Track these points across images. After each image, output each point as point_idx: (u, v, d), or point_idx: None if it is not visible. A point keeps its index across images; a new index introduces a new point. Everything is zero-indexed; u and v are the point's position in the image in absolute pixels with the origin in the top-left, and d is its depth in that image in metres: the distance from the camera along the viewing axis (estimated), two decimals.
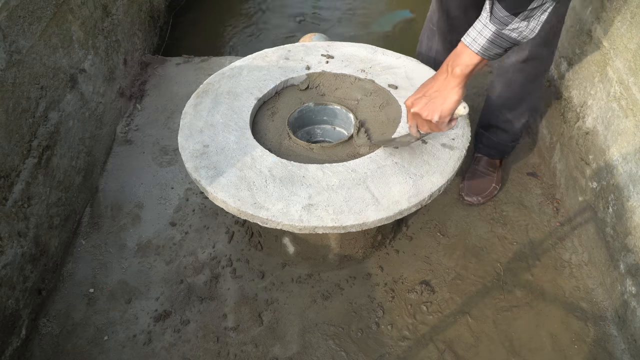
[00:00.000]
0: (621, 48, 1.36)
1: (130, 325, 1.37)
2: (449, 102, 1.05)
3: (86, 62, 1.73)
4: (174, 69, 2.26)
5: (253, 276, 1.47)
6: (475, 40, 0.98)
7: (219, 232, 1.59)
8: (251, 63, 1.52)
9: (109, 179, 1.77)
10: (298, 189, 1.14)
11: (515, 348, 1.32)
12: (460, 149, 1.24)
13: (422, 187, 1.15)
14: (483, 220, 1.63)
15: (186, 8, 2.91)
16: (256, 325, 1.37)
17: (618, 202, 1.35)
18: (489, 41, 0.97)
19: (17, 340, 1.29)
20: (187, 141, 1.26)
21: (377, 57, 1.54)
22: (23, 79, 1.35)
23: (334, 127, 1.49)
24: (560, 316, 1.39)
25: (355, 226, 1.08)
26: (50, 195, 1.46)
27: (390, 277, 1.47)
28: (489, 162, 1.71)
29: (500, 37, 0.96)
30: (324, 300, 1.42)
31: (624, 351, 1.31)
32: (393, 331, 1.35)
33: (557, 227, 1.61)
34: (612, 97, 1.40)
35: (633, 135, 1.30)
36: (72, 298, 1.44)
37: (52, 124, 1.49)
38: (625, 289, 1.31)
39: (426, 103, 1.07)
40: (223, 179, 1.16)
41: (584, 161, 1.53)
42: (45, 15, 1.47)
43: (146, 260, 1.52)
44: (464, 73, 1.02)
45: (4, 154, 1.26)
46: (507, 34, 0.95)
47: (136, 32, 2.24)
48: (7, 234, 1.26)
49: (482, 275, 1.48)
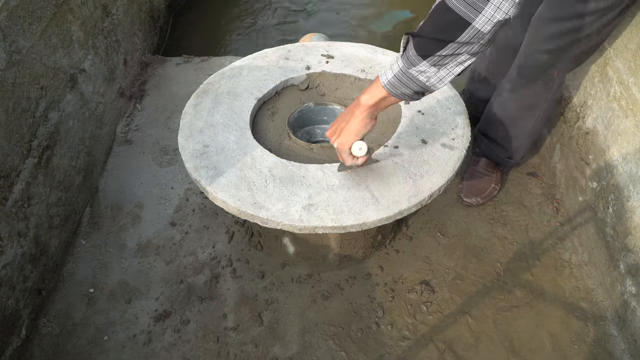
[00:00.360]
0: (621, 48, 1.36)
1: (130, 325, 1.37)
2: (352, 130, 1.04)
3: (86, 62, 1.73)
4: (174, 69, 2.26)
5: (253, 276, 1.47)
6: (386, 72, 0.95)
7: (219, 232, 1.59)
8: (251, 63, 1.52)
9: (109, 179, 1.77)
10: (298, 189, 1.14)
11: (515, 348, 1.32)
12: (460, 149, 1.24)
13: (422, 187, 1.15)
14: (483, 220, 1.63)
15: (186, 8, 2.91)
16: (256, 325, 1.37)
17: (618, 202, 1.35)
18: (395, 76, 0.93)
19: (17, 340, 1.29)
20: (187, 141, 1.26)
21: (377, 57, 1.54)
22: (23, 79, 1.35)
23: None
24: (560, 316, 1.39)
25: (355, 226, 1.08)
26: (50, 195, 1.46)
27: (390, 277, 1.47)
28: (487, 163, 1.71)
29: (406, 76, 0.91)
30: (324, 300, 1.42)
31: (624, 351, 1.31)
32: (393, 331, 1.35)
33: (557, 227, 1.61)
34: (612, 97, 1.40)
35: (633, 135, 1.30)
36: (72, 298, 1.44)
37: (52, 124, 1.49)
38: (625, 289, 1.31)
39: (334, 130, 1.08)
40: (223, 179, 1.16)
41: (584, 161, 1.53)
42: (45, 15, 1.47)
43: (146, 260, 1.52)
44: (367, 103, 1.00)
45: (4, 154, 1.26)
46: (414, 74, 0.90)
47: (136, 32, 2.24)
48: (7, 234, 1.26)
49: (482, 275, 1.48)
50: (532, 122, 1.55)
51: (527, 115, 1.54)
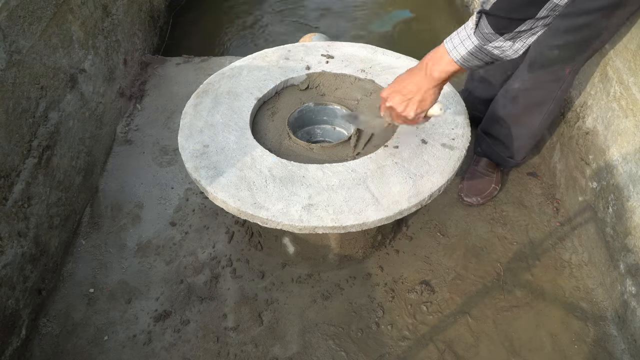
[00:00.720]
0: (621, 48, 1.36)
1: (130, 325, 1.37)
2: (425, 102, 1.07)
3: (86, 62, 1.73)
4: (174, 69, 2.26)
5: (253, 276, 1.47)
6: (457, 48, 0.96)
7: (219, 232, 1.59)
8: (251, 63, 1.52)
9: (109, 179, 1.77)
10: (298, 189, 1.14)
11: (515, 348, 1.32)
12: (460, 149, 1.24)
13: (422, 187, 1.15)
14: (483, 220, 1.63)
15: (186, 8, 2.91)
16: (256, 325, 1.37)
17: (618, 202, 1.35)
18: (469, 53, 0.95)
19: (17, 340, 1.29)
20: (187, 141, 1.26)
21: (377, 57, 1.54)
22: (23, 79, 1.35)
23: (334, 127, 1.49)
24: (560, 316, 1.39)
25: (355, 226, 1.08)
26: (50, 195, 1.46)
27: (390, 277, 1.47)
28: (488, 163, 1.71)
29: (481, 52, 0.94)
30: (324, 300, 1.42)
31: (624, 351, 1.31)
32: (393, 331, 1.35)
33: (557, 227, 1.61)
34: (612, 97, 1.40)
35: (633, 135, 1.30)
36: (72, 298, 1.44)
37: (52, 124, 1.49)
38: (625, 289, 1.31)
39: (401, 100, 1.08)
40: (223, 179, 1.16)
41: (584, 161, 1.53)
42: (45, 15, 1.47)
43: (146, 260, 1.52)
44: (441, 77, 1.02)
45: (4, 154, 1.26)
46: (489, 49, 0.93)
47: (136, 32, 2.24)
48: (7, 234, 1.26)
49: (482, 275, 1.48)
50: (537, 121, 1.54)
51: (534, 113, 1.53)
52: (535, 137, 1.61)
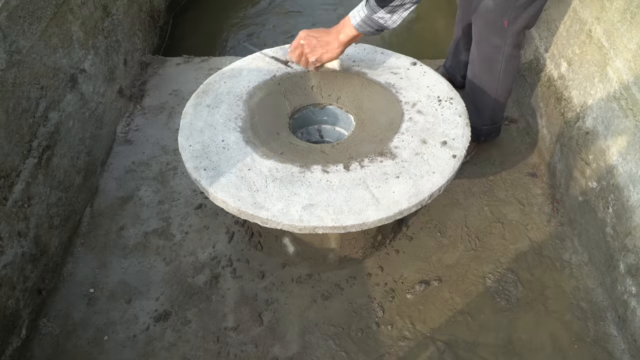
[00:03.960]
0: (621, 48, 1.36)
1: (130, 325, 1.37)
2: (328, 54, 1.35)
3: (86, 62, 1.73)
4: (174, 69, 2.26)
5: (253, 276, 1.47)
6: (354, 17, 1.25)
7: (219, 232, 1.59)
8: (251, 63, 1.52)
9: (109, 179, 1.77)
10: (298, 189, 1.14)
11: (515, 348, 1.32)
12: (460, 149, 1.24)
13: (422, 187, 1.15)
14: (483, 220, 1.63)
15: (186, 8, 2.91)
16: (256, 325, 1.37)
17: (618, 202, 1.35)
18: (362, 20, 1.24)
19: (17, 340, 1.29)
20: (187, 141, 1.26)
21: (376, 57, 1.54)
22: (23, 79, 1.35)
23: (334, 127, 1.49)
24: (560, 316, 1.39)
25: (355, 226, 1.08)
26: (51, 195, 1.46)
27: (390, 277, 1.47)
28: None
29: (370, 20, 1.22)
30: (324, 300, 1.42)
31: (624, 351, 1.31)
32: (393, 331, 1.35)
33: (557, 227, 1.61)
34: (612, 97, 1.40)
35: (633, 135, 1.30)
36: (72, 298, 1.44)
37: (52, 124, 1.49)
38: (625, 289, 1.31)
39: (314, 45, 1.35)
40: (223, 179, 1.16)
41: (584, 161, 1.53)
42: (45, 15, 1.47)
43: (146, 260, 1.52)
44: (345, 40, 1.31)
45: (4, 154, 1.26)
46: (375, 19, 1.22)
47: (136, 32, 2.24)
48: (7, 234, 1.26)
49: (482, 275, 1.48)
50: (495, 82, 1.63)
51: (489, 73, 1.61)
52: (497, 101, 1.68)
